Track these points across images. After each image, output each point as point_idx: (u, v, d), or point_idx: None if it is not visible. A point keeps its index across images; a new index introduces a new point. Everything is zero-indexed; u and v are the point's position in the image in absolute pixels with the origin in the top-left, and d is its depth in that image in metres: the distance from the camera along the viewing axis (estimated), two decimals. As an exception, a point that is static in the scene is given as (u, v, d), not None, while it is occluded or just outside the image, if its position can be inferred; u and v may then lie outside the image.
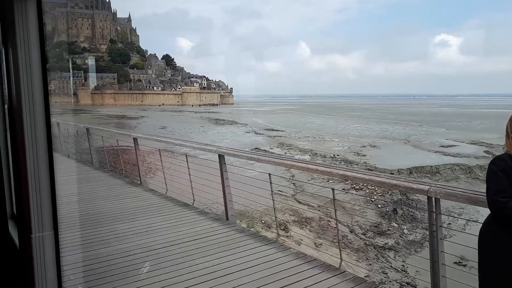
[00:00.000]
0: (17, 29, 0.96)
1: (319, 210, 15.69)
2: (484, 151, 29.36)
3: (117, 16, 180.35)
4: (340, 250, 4.91)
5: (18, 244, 1.13)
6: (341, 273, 4.19)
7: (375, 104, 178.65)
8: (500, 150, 30.19)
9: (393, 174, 22.72)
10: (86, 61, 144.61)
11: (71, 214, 6.42)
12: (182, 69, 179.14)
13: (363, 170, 4.69)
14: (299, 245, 11.79)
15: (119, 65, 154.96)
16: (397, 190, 14.87)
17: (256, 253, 4.75)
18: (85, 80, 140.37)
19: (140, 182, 8.76)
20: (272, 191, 5.45)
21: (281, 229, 11.59)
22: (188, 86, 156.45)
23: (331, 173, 4.29)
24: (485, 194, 2.88)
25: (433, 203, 3.26)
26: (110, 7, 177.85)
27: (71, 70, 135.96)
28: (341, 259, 4.70)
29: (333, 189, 4.57)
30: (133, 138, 8.93)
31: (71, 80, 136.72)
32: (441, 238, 3.27)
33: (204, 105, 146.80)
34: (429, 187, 3.26)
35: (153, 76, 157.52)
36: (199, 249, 4.82)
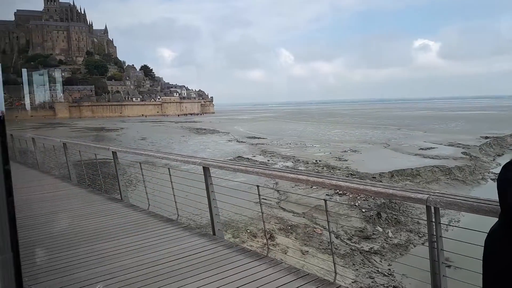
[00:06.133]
0: None
1: (304, 217, 15.57)
2: (461, 152, 29.95)
3: (94, 28, 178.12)
4: (334, 264, 4.72)
5: None
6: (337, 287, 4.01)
7: (354, 109, 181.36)
8: (476, 151, 30.93)
9: (375, 178, 22.88)
10: (63, 74, 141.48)
11: (47, 234, 6.03)
12: (161, 79, 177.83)
13: (357, 180, 4.53)
14: (286, 253, 11.60)
15: (96, 77, 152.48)
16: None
17: (246, 270, 4.52)
18: (62, 93, 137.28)
19: (121, 198, 8.40)
20: (260, 203, 5.22)
21: (268, 238, 11.37)
22: (168, 96, 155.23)
23: (323, 184, 4.11)
24: (488, 202, 2.75)
25: (432, 212, 3.10)
26: (86, 19, 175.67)
27: (46, 84, 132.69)
28: (336, 273, 4.51)
29: (325, 200, 4.39)
30: (112, 152, 8.57)
31: (47, 94, 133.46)
32: (442, 249, 3.11)
33: (186, 114, 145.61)
34: (428, 195, 3.08)
35: (132, 87, 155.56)
36: (186, 268, 4.55)
